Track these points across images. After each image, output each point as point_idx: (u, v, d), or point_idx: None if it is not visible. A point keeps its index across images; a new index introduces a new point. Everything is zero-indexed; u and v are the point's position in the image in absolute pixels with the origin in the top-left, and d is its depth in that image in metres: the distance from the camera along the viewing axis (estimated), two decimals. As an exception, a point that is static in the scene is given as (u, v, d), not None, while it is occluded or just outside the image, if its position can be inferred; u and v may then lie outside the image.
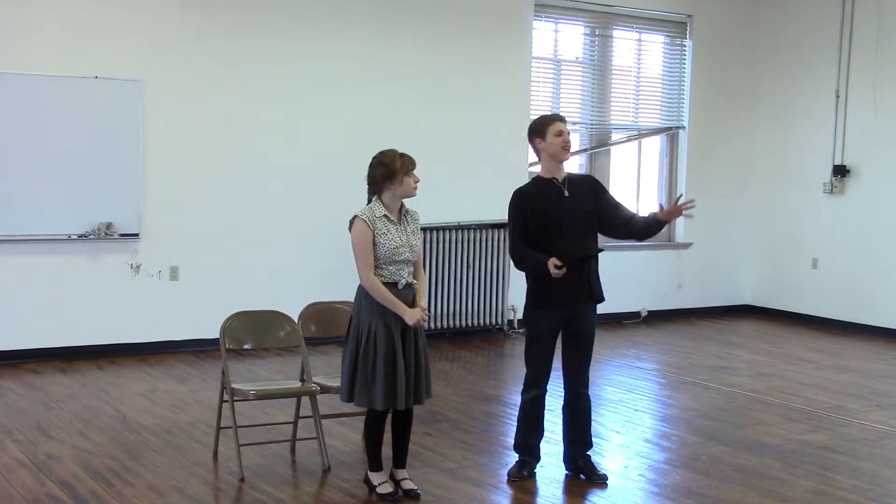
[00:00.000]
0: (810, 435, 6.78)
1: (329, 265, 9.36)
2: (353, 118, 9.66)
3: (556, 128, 5.51)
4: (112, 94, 8.62)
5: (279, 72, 9.37)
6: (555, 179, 5.55)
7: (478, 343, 10.06)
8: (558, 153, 5.52)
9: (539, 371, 5.62)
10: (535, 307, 5.57)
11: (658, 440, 6.65)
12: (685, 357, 9.57)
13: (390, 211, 5.22)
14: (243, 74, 9.22)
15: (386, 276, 5.18)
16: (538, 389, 5.64)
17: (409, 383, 5.19)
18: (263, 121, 9.33)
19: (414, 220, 5.34)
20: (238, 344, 5.96)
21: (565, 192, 5.52)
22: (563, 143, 5.50)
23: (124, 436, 6.37)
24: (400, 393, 5.13)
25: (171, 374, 8.20)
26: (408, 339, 5.20)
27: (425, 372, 5.31)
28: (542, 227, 5.46)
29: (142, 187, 8.80)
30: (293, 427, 6.15)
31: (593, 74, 11.20)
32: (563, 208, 5.48)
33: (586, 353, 5.65)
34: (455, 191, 10.12)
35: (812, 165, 11.55)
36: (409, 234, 5.25)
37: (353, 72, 9.69)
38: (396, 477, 5.42)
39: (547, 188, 5.53)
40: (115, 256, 8.82)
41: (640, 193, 11.80)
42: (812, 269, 11.62)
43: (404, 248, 5.19)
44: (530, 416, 5.70)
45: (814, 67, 11.55)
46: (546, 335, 5.57)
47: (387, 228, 5.16)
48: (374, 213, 5.18)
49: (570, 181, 5.59)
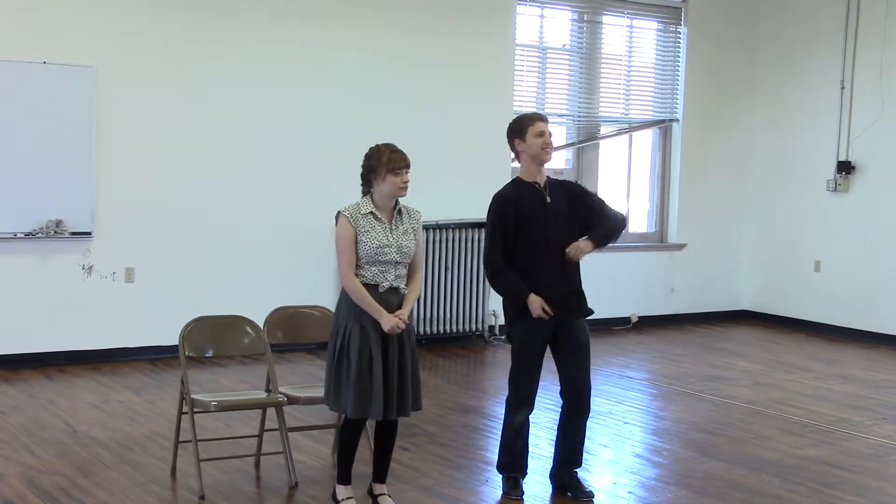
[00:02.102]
0: (812, 450, 6.82)
1: (298, 267, 9.35)
2: (325, 110, 9.65)
3: (536, 128, 5.50)
4: (63, 80, 8.58)
5: (247, 59, 9.35)
6: (536, 183, 5.55)
7: (457, 350, 10.07)
8: (539, 155, 5.52)
9: (529, 388, 5.61)
10: (516, 318, 5.57)
11: (649, 455, 6.67)
12: (678, 366, 9.61)
13: (379, 209, 5.21)
14: (207, 61, 9.19)
15: (367, 278, 5.18)
16: (529, 409, 5.64)
17: (391, 393, 5.18)
18: (229, 112, 9.31)
19: (411, 219, 5.32)
20: (198, 351, 5.94)
21: (547, 197, 5.54)
22: (544, 144, 5.50)
23: (74, 451, 6.33)
24: (375, 403, 5.11)
25: (126, 384, 8.17)
26: (391, 345, 5.18)
27: (412, 382, 5.30)
28: (525, 234, 5.46)
29: (95, 182, 8.76)
30: (258, 441, 6.14)
31: (581, 63, 11.23)
32: (548, 215, 5.48)
33: (584, 365, 5.62)
34: (432, 188, 10.08)
35: (815, 161, 11.62)
36: (399, 234, 5.23)
37: (325, 60, 9.68)
38: (375, 492, 5.43)
39: (529, 192, 5.54)
40: (66, 257, 8.78)
41: (630, 191, 11.85)
42: (814, 272, 11.68)
43: (390, 248, 5.17)
44: (523, 439, 5.69)
45: (817, 56, 11.62)
46: (532, 346, 5.55)
47: (371, 227, 5.16)
48: (358, 210, 5.18)
49: (552, 186, 5.61)
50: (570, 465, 5.75)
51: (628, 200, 11.83)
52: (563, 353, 5.62)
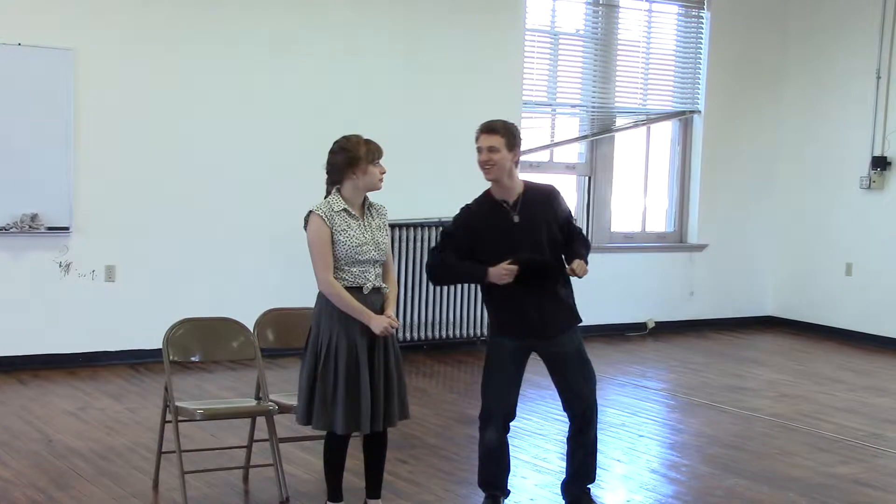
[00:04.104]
0: (842, 467, 6.82)
1: (289, 266, 9.34)
2: (318, 97, 9.66)
3: (478, 140, 5.39)
4: (39, 64, 8.59)
5: (234, 43, 9.35)
6: (504, 203, 5.41)
7: (459, 357, 10.08)
8: (484, 174, 5.39)
9: (497, 403, 5.49)
10: (494, 333, 5.54)
11: (666, 471, 6.68)
12: (698, 375, 9.62)
13: (351, 205, 5.23)
14: (192, 45, 9.20)
15: (349, 280, 5.19)
16: (498, 426, 5.50)
17: (379, 403, 5.20)
18: (218, 100, 9.31)
19: (380, 214, 5.36)
20: (184, 355, 5.95)
21: (515, 216, 5.40)
22: (480, 160, 5.35)
23: (50, 462, 6.34)
24: (364, 414, 5.14)
25: (106, 390, 8.18)
26: (377, 352, 5.21)
27: (399, 389, 5.32)
28: (486, 255, 5.33)
29: (73, 173, 8.77)
30: (247, 452, 6.15)
31: (596, 50, 11.24)
32: (513, 233, 5.36)
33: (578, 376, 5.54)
34: (435, 183, 10.12)
35: (847, 157, 11.62)
36: (373, 230, 5.26)
37: (318, 45, 9.68)
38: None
39: (495, 210, 5.41)
40: (42, 253, 8.79)
41: (647, 187, 11.86)
42: (845, 275, 11.69)
43: (368, 245, 5.20)
44: (498, 458, 5.58)
45: (851, 42, 11.61)
46: (506, 360, 5.48)
47: (347, 224, 5.18)
48: (331, 208, 5.19)
49: (525, 201, 5.42)
50: (581, 480, 5.73)
51: (645, 197, 11.84)
52: (553, 367, 5.54)
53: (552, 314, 5.45)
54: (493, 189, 5.45)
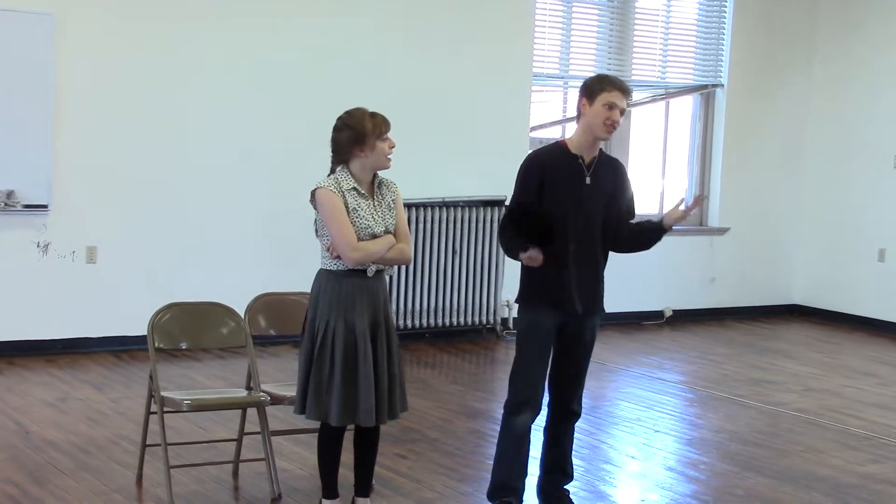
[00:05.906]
0: (872, 466, 6.84)
1: (284, 248, 9.36)
2: (315, 74, 9.62)
3: (607, 97, 5.34)
4: (15, 29, 8.56)
5: (227, 15, 9.32)
6: (581, 158, 5.44)
7: (464, 346, 10.09)
8: (597, 130, 5.39)
9: (534, 385, 5.46)
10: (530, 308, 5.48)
11: (683, 468, 6.70)
12: (718, 367, 9.63)
13: (360, 183, 5.23)
14: (181, 10, 9.18)
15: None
16: (533, 413, 5.49)
17: (382, 395, 5.21)
18: (205, 69, 9.29)
19: (391, 192, 5.35)
20: (170, 343, 5.96)
21: (587, 178, 5.43)
22: (607, 119, 5.34)
23: (26, 455, 6.35)
24: (362, 406, 5.15)
25: (86, 379, 8.20)
26: (379, 339, 5.22)
27: (399, 381, 5.34)
28: (549, 211, 5.30)
29: (52, 147, 8.76)
30: (237, 445, 6.16)
31: (612, 19, 11.23)
32: (582, 198, 5.39)
33: (583, 364, 5.59)
34: (439, 160, 10.12)
35: (881, 135, 11.61)
36: (384, 210, 5.27)
37: (316, 15, 9.65)
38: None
39: (568, 164, 5.42)
40: (18, 233, 8.79)
41: (666, 166, 11.85)
42: (878, 262, 11.68)
43: (378, 227, 5.21)
44: (520, 448, 5.53)
45: (887, 10, 11.57)
46: (545, 343, 5.47)
47: (357, 204, 5.18)
48: (340, 185, 5.18)
49: (598, 165, 5.49)
50: (559, 478, 5.69)
51: (664, 177, 11.83)
52: (564, 347, 5.51)
53: (592, 291, 5.47)
54: (571, 142, 5.48)
